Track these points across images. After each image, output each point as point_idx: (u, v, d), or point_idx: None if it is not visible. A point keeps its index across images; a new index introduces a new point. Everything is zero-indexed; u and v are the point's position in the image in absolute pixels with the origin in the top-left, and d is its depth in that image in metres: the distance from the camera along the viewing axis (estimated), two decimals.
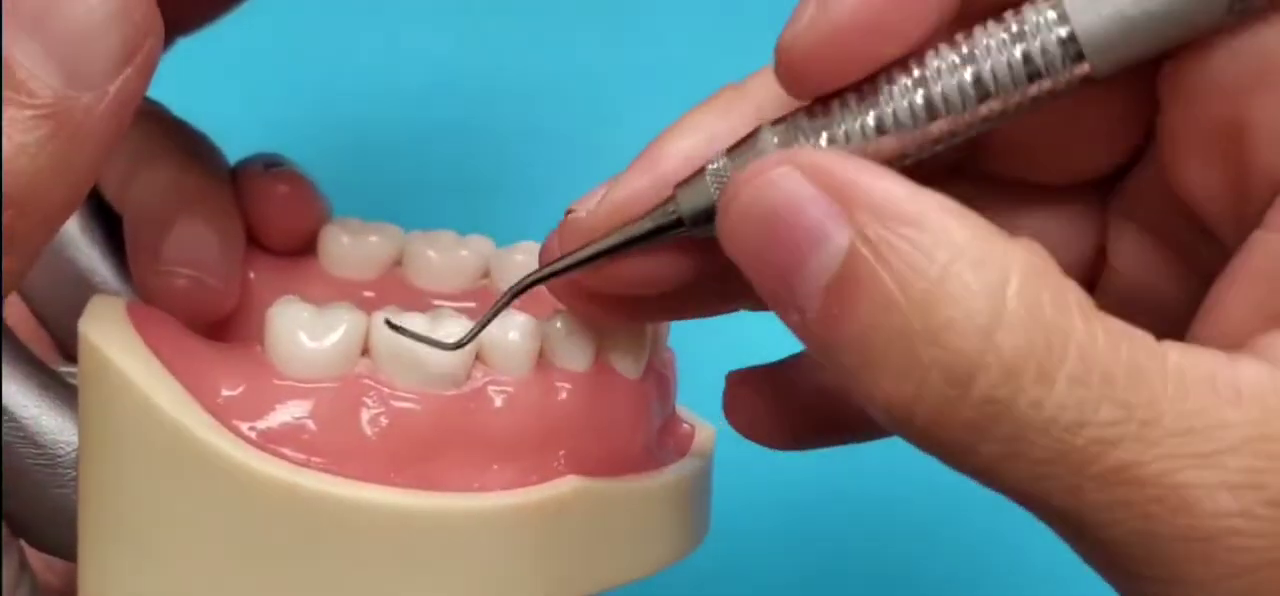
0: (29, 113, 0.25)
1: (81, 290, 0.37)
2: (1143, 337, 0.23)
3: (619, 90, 0.61)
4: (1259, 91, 0.24)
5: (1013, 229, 0.29)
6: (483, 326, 0.28)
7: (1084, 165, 0.29)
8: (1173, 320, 0.27)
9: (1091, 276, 0.30)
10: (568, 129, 0.60)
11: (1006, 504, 0.24)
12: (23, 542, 0.29)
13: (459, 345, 0.28)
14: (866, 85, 0.26)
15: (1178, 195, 0.27)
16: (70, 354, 0.37)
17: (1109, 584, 0.25)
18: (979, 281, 0.22)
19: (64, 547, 0.29)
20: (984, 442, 0.23)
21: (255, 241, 0.36)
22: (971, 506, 0.49)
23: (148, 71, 0.27)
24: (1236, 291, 0.25)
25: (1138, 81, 0.26)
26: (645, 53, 0.62)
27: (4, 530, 0.29)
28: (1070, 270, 0.29)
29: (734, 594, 0.50)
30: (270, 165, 0.37)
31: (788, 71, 0.26)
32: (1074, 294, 0.23)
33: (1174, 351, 0.23)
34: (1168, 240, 0.28)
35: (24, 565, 0.29)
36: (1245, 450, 0.22)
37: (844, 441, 0.33)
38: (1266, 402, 0.23)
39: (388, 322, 0.28)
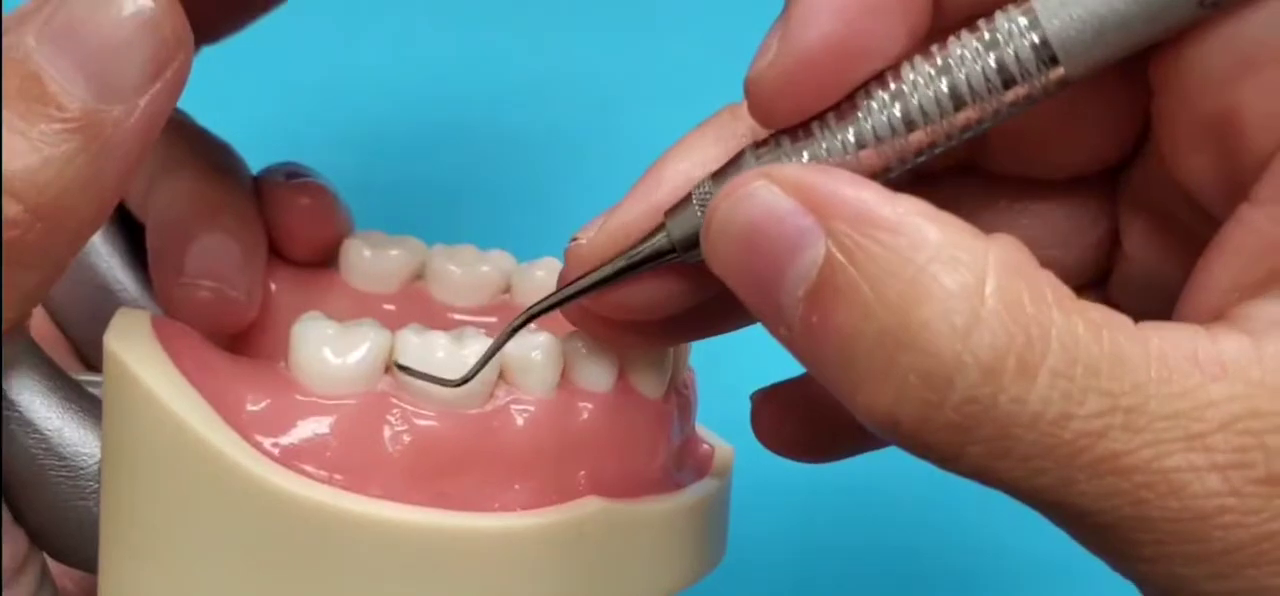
0: (58, 126, 0.25)
1: (101, 297, 0.37)
2: (1124, 323, 0.23)
3: (642, 93, 0.61)
4: (1245, 79, 0.24)
5: (1024, 223, 0.30)
6: (485, 362, 0.28)
7: (1089, 158, 0.29)
8: None
9: (1106, 265, 0.30)
10: (590, 132, 0.60)
11: (1023, 509, 0.24)
12: (44, 554, 0.29)
13: (463, 382, 0.28)
14: (845, 102, 0.26)
15: (1176, 181, 0.27)
16: (89, 360, 0.38)
17: (1107, 565, 0.25)
18: (954, 281, 0.22)
19: (85, 559, 0.29)
20: (971, 444, 0.23)
21: (276, 252, 0.36)
22: (995, 520, 0.49)
23: (178, 86, 0.27)
24: (1220, 263, 0.25)
25: (1134, 73, 0.26)
26: (667, 55, 0.62)
27: (26, 540, 0.29)
28: (1082, 259, 0.30)
29: None
30: (292, 175, 0.37)
31: (757, 105, 0.26)
32: (1052, 287, 0.23)
33: (1155, 335, 0.23)
34: (1176, 225, 0.28)
35: (45, 575, 0.29)
36: (1231, 429, 0.22)
37: (872, 448, 0.33)
38: (1249, 376, 0.23)
39: (396, 364, 0.28)
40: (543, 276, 0.35)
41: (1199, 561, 0.23)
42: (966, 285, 0.22)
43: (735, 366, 0.38)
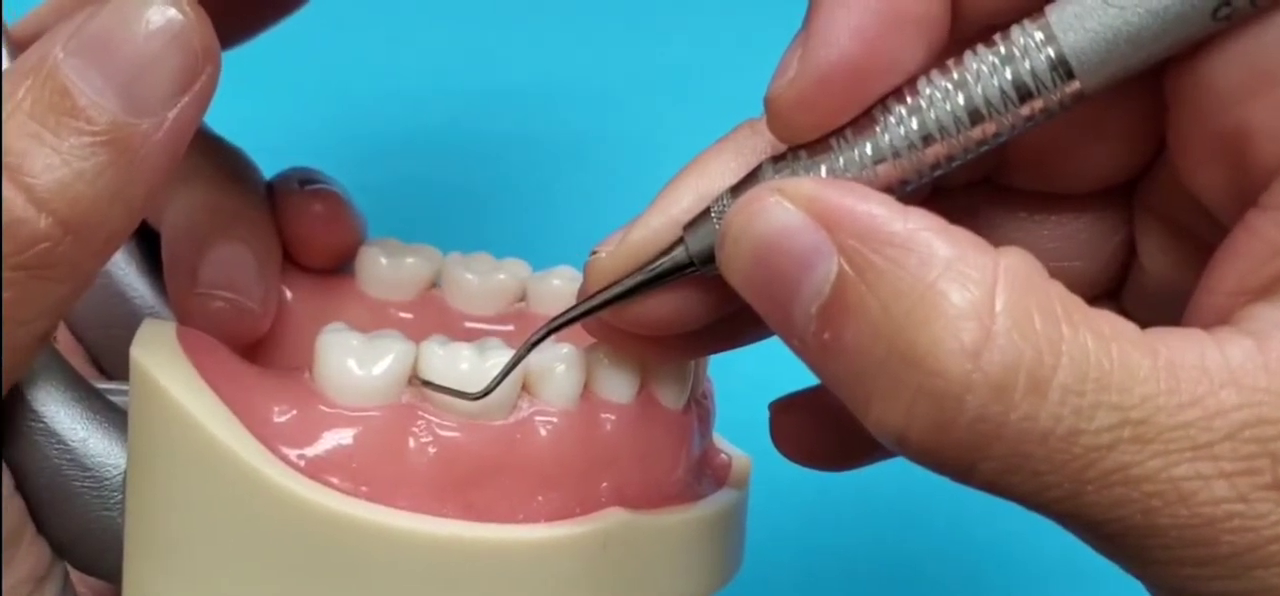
0: (87, 139, 0.25)
1: (116, 303, 0.37)
2: (1132, 333, 0.23)
3: (656, 97, 0.61)
4: (1257, 96, 0.25)
5: (1042, 235, 0.30)
6: (504, 375, 0.28)
7: (1106, 171, 0.29)
8: None
9: (1121, 275, 0.30)
10: (604, 138, 0.60)
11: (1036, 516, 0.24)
12: (66, 565, 0.29)
13: (483, 395, 0.28)
14: (863, 117, 0.26)
15: (1190, 193, 0.27)
16: (103, 366, 0.37)
17: (1118, 567, 0.25)
18: (963, 299, 0.22)
19: (108, 570, 0.29)
20: (982, 460, 0.23)
21: (291, 259, 0.36)
22: (1006, 524, 0.49)
23: (206, 99, 0.27)
24: (1226, 267, 0.25)
25: (1150, 87, 0.27)
26: (683, 59, 0.62)
27: (49, 551, 0.29)
28: (1099, 271, 0.30)
29: None
30: (305, 181, 0.37)
31: (777, 122, 0.26)
32: (1062, 300, 0.23)
33: (1163, 344, 0.23)
34: (1190, 236, 0.28)
35: (67, 586, 0.29)
36: (1238, 437, 0.23)
37: (891, 456, 0.33)
38: (1256, 383, 0.23)
39: (417, 378, 0.28)
40: (559, 285, 0.35)
41: (1208, 564, 0.23)
42: (976, 302, 0.22)
43: (752, 374, 0.38)
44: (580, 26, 0.63)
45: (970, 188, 0.30)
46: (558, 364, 0.29)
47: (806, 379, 0.32)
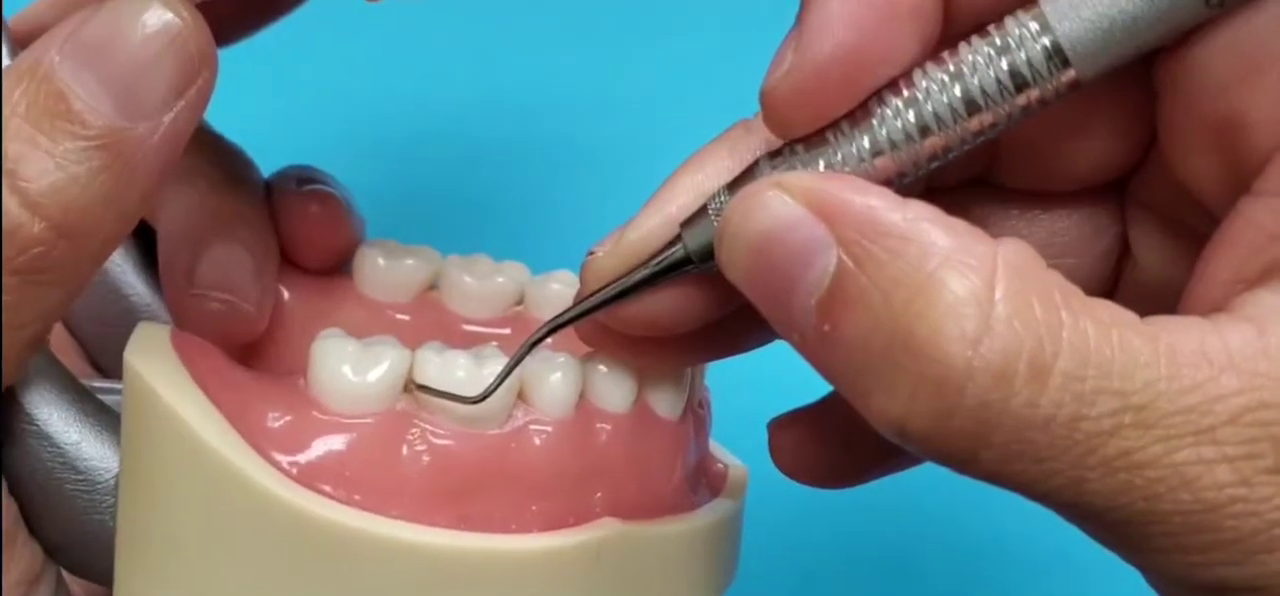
0: (82, 143, 0.25)
1: (112, 300, 0.37)
2: (1132, 320, 0.23)
3: (656, 101, 0.61)
4: (1248, 83, 0.25)
5: (1035, 233, 0.30)
6: (503, 378, 0.28)
7: (1098, 167, 0.29)
8: None
9: (1115, 272, 0.30)
10: (603, 142, 0.60)
11: (1037, 530, 0.24)
12: (59, 567, 0.29)
13: (482, 399, 0.28)
14: (859, 110, 0.26)
15: (1182, 184, 0.27)
16: (98, 363, 0.37)
17: (1118, 556, 0.25)
18: (963, 287, 0.23)
19: (100, 573, 0.29)
20: (984, 448, 0.23)
21: (288, 259, 0.36)
22: (1004, 527, 0.49)
23: (201, 104, 0.27)
24: (1221, 255, 0.25)
25: (1140, 80, 0.27)
26: (682, 63, 0.62)
27: (41, 553, 0.29)
28: (1092, 267, 0.30)
29: None
30: (304, 180, 0.37)
31: (772, 115, 0.26)
32: (1061, 288, 0.23)
33: (1164, 330, 0.23)
34: (1184, 230, 0.28)
35: (60, 588, 0.29)
36: (1240, 421, 0.23)
37: (893, 471, 0.33)
38: (1256, 368, 0.23)
39: (413, 383, 0.28)
40: (558, 289, 0.35)
41: (1211, 550, 0.23)
42: (976, 291, 0.23)
43: (749, 382, 0.38)
44: (580, 30, 0.63)
45: (962, 187, 0.30)
46: (553, 372, 0.29)
47: (804, 385, 0.32)
